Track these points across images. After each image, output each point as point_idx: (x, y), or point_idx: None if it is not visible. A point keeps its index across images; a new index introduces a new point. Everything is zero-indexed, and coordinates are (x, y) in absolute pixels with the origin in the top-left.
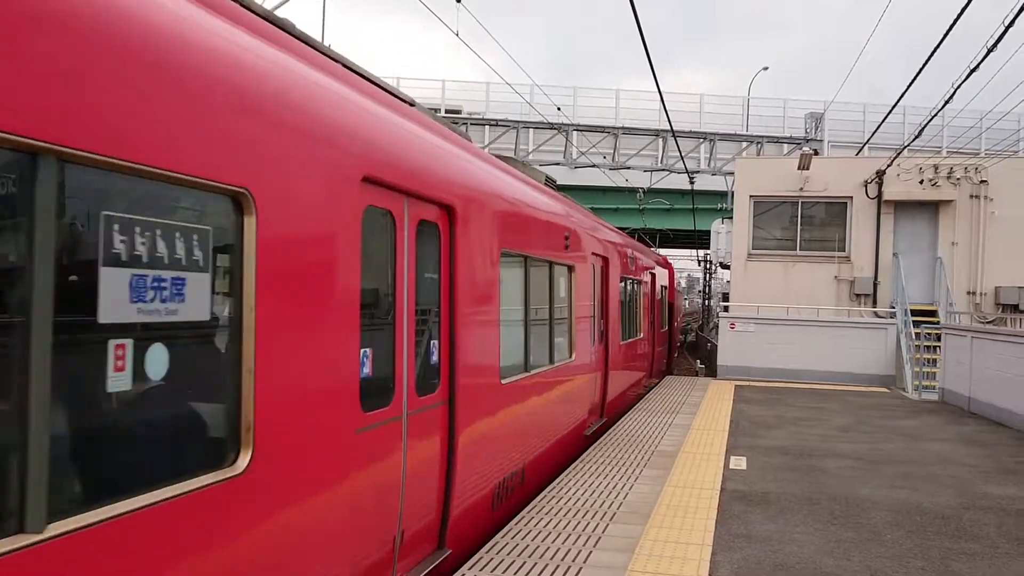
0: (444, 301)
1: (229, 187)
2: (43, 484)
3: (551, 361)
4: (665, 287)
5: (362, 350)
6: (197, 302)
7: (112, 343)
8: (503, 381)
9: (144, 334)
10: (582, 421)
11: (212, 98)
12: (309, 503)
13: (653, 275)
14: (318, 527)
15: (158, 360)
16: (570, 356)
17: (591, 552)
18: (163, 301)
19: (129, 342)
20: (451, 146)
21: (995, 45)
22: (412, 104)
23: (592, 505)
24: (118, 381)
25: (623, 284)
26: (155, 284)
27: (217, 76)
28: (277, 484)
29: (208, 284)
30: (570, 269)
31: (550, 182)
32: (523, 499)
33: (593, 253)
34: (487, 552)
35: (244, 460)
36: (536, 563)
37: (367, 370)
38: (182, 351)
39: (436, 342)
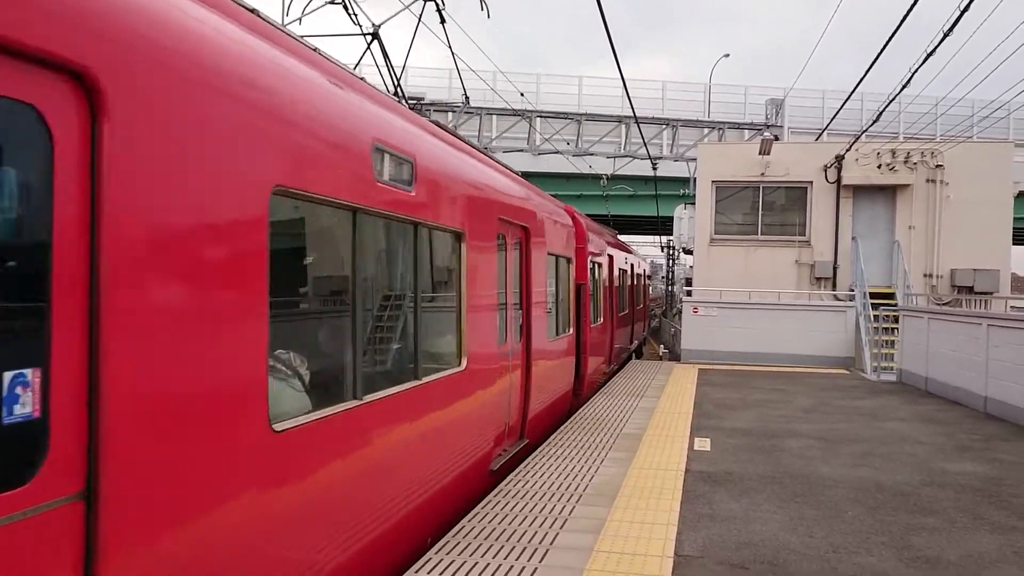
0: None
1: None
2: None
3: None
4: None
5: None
6: None
7: None
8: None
9: None
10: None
11: None
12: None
13: (611, 256)
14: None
15: None
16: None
17: (558, 534)
18: None
19: None
20: None
21: (951, 30)
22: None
23: (559, 487)
24: None
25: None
26: None
27: None
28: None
29: None
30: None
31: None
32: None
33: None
34: (453, 536)
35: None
36: (504, 546)
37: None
38: None
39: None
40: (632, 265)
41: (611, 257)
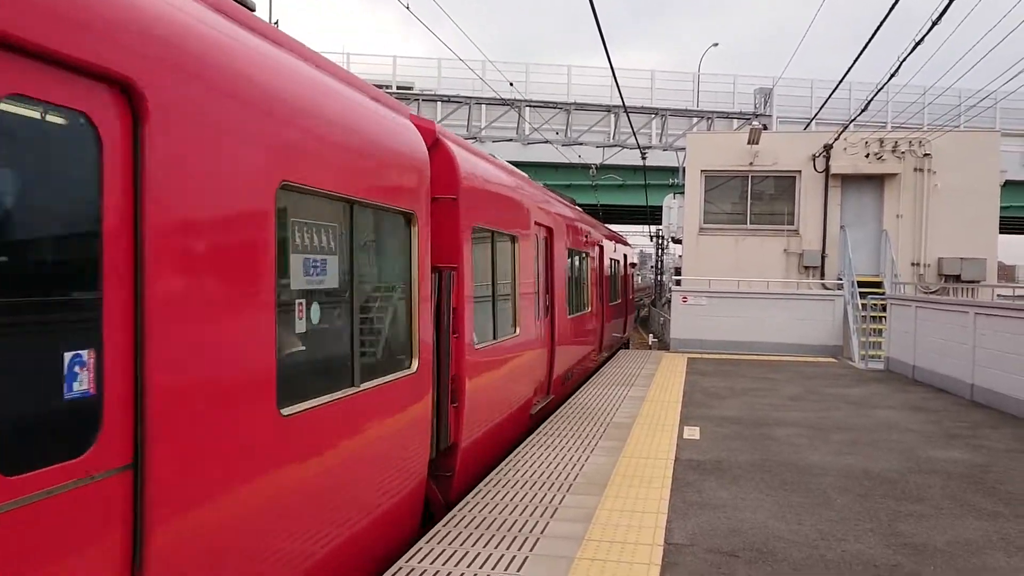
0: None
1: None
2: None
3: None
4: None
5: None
6: None
7: None
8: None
9: None
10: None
11: None
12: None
13: (602, 248)
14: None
15: None
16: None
17: (548, 523)
18: None
19: None
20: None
21: (939, 18)
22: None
23: (549, 477)
24: None
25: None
26: None
27: None
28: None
29: None
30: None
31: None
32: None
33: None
34: (444, 525)
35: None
36: (494, 535)
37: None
38: None
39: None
40: (613, 251)
41: (601, 248)
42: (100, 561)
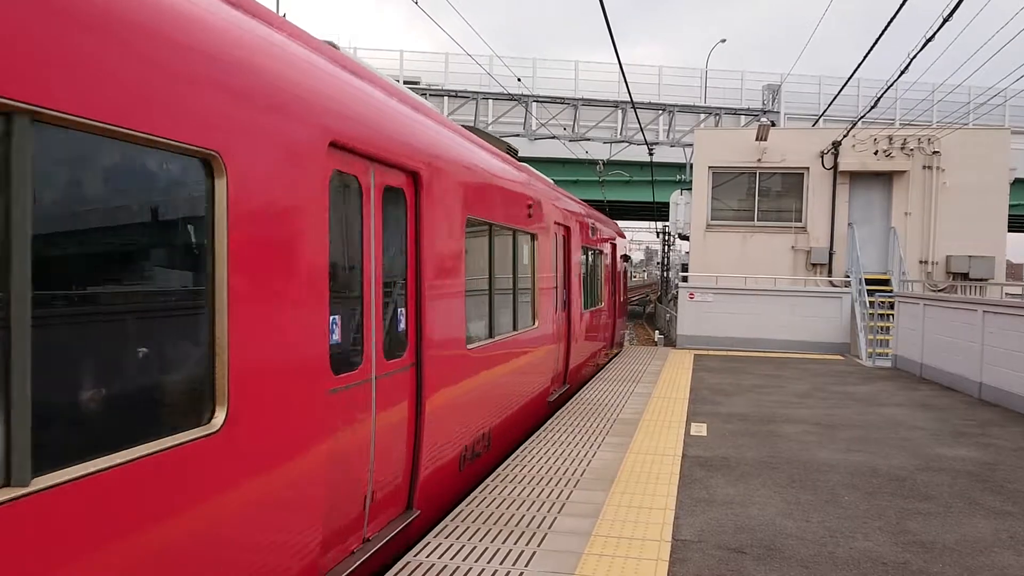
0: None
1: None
2: None
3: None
4: (628, 256)
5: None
6: None
7: None
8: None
9: None
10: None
11: None
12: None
13: (614, 245)
14: (549, 360)
15: None
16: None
17: (556, 518)
18: None
19: None
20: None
21: (951, 14)
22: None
23: (556, 472)
24: None
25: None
26: None
27: None
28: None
29: None
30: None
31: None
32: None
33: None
34: (452, 520)
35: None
36: (502, 529)
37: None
38: None
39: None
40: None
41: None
42: None
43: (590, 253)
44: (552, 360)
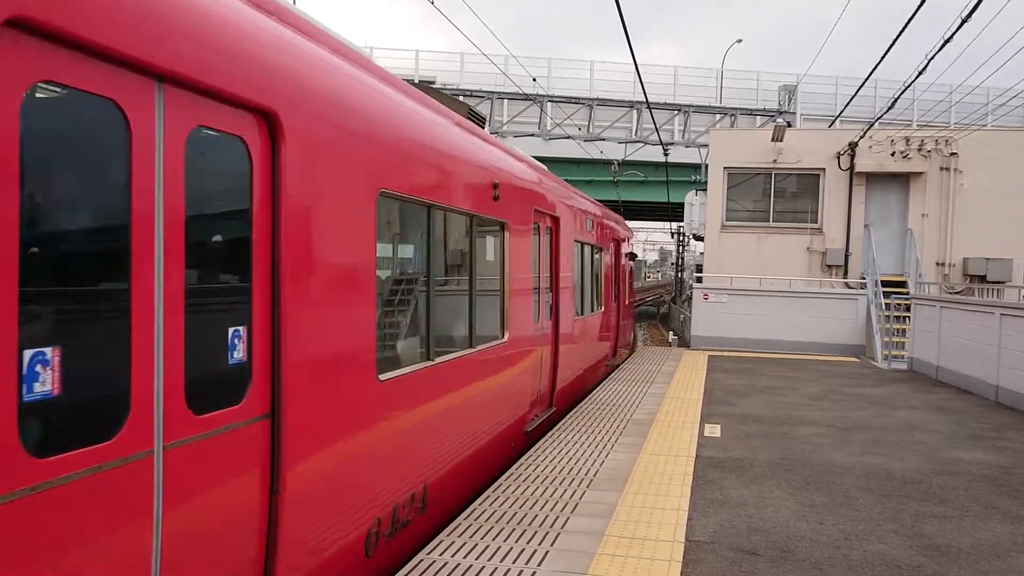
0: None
1: None
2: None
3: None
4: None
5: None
6: None
7: None
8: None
9: None
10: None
11: None
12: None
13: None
14: (527, 380)
15: None
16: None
17: (568, 518)
18: None
19: None
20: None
21: (970, 15)
22: None
23: (569, 472)
24: None
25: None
26: None
27: None
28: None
29: None
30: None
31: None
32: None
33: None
34: (465, 519)
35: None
36: (515, 529)
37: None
38: None
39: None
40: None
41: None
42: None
43: (587, 249)
44: (531, 380)
